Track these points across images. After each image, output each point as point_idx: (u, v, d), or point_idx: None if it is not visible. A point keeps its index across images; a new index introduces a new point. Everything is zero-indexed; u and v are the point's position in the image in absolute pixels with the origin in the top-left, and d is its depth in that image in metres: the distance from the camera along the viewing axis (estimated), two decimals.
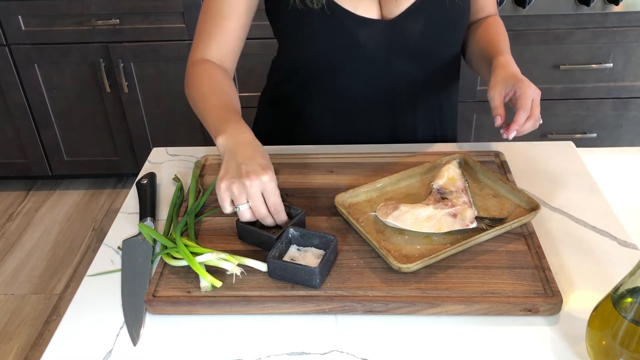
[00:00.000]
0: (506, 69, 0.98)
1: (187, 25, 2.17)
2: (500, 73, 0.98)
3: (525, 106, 0.92)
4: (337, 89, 1.12)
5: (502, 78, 0.97)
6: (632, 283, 0.63)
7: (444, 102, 1.21)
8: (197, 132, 2.43)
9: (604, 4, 2.03)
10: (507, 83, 0.95)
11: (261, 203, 0.84)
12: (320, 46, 1.06)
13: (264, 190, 0.83)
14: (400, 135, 1.18)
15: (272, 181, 0.84)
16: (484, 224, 0.88)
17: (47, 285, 2.15)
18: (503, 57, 1.02)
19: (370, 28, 1.04)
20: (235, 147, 0.88)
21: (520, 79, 0.95)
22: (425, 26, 1.05)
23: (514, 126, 0.92)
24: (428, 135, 1.20)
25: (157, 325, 0.78)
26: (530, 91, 0.93)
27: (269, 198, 0.84)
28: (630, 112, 2.26)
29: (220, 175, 0.85)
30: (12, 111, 2.40)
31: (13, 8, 2.17)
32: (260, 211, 0.84)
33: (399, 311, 0.78)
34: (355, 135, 1.17)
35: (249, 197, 0.83)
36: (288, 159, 1.09)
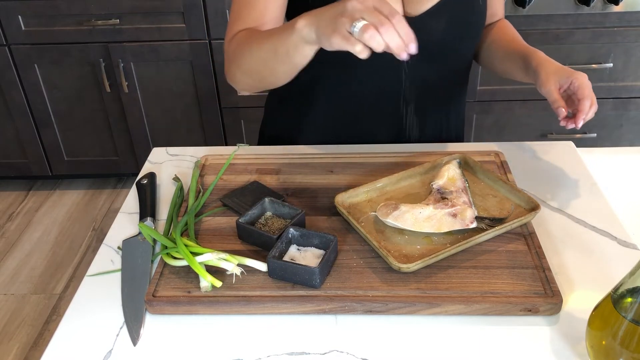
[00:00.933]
0: (552, 63, 1.00)
1: (187, 25, 2.17)
2: (548, 67, 0.99)
3: (588, 95, 0.94)
4: (350, 86, 1.11)
5: (553, 72, 0.98)
6: (632, 283, 0.63)
7: (453, 104, 1.21)
8: (197, 132, 2.43)
9: (604, 4, 2.03)
10: (560, 76, 0.97)
11: (378, 14, 0.73)
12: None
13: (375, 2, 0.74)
14: (407, 136, 1.18)
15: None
16: (484, 224, 0.88)
17: (47, 285, 2.15)
18: (541, 53, 1.03)
19: None
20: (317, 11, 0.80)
21: (574, 71, 0.97)
22: (447, 26, 1.05)
23: (581, 115, 0.94)
24: (434, 136, 1.20)
25: (157, 325, 0.78)
26: (587, 81, 0.96)
27: (383, 8, 0.73)
28: (630, 112, 2.26)
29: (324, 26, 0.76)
30: (12, 111, 2.40)
31: (13, 8, 2.17)
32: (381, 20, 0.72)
33: (399, 311, 0.78)
34: (362, 134, 1.16)
35: (362, 12, 0.73)
36: (288, 159, 1.09)
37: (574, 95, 0.96)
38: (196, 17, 2.14)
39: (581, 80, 0.96)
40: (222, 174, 1.04)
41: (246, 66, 0.96)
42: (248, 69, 0.96)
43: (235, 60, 0.98)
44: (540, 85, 0.99)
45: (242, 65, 0.97)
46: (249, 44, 0.95)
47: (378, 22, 0.72)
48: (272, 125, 1.27)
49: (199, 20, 2.15)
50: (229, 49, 1.00)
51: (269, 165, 1.08)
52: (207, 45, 2.21)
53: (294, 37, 0.83)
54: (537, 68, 1.01)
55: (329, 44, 0.77)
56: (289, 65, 0.89)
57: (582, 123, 0.95)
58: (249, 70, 0.96)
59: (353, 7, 0.74)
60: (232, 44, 0.99)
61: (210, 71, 2.26)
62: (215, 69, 2.26)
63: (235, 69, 0.99)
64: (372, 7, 0.74)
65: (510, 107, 2.25)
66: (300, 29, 0.81)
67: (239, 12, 1.02)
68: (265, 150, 1.13)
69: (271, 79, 0.97)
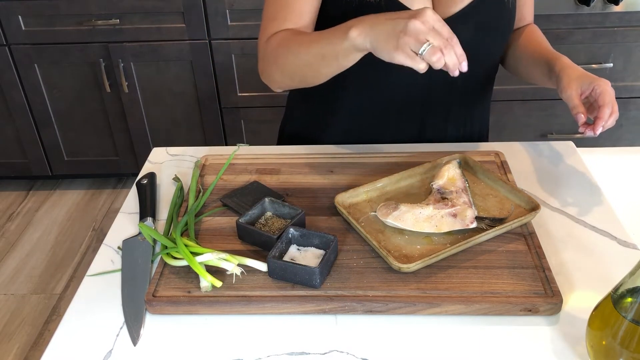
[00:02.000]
0: (576, 69, 1.00)
1: (187, 25, 2.17)
2: (571, 73, 0.99)
3: (608, 103, 0.94)
4: (378, 86, 1.11)
5: (575, 77, 0.98)
6: (632, 283, 0.63)
7: (478, 107, 1.20)
8: (197, 132, 2.43)
9: (604, 4, 2.03)
10: (583, 82, 0.97)
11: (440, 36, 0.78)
12: None
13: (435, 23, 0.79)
14: (429, 136, 1.17)
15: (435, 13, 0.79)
16: (484, 224, 0.88)
17: (47, 285, 2.15)
18: (565, 59, 1.03)
19: None
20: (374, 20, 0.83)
21: (596, 77, 0.97)
22: (476, 29, 1.04)
23: (599, 122, 0.93)
24: (457, 138, 1.19)
25: (157, 325, 0.78)
26: (609, 88, 0.95)
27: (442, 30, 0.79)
28: (630, 112, 2.26)
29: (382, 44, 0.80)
30: (12, 111, 2.40)
31: (13, 8, 2.17)
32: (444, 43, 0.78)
33: (399, 311, 0.78)
34: (385, 134, 1.16)
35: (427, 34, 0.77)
36: (288, 159, 1.09)
37: (595, 102, 0.96)
38: (196, 17, 2.14)
39: (603, 87, 0.95)
40: (222, 174, 1.04)
41: (289, 67, 0.98)
42: (291, 70, 0.98)
43: (276, 61, 0.99)
44: (561, 90, 0.98)
45: (283, 66, 0.98)
46: (292, 46, 0.96)
47: (442, 45, 0.78)
48: (293, 124, 1.26)
49: (199, 20, 2.15)
50: (267, 49, 1.01)
51: (269, 165, 1.08)
52: (207, 45, 2.21)
53: (346, 43, 0.85)
54: (559, 73, 1.00)
55: (390, 57, 0.81)
56: (335, 68, 0.93)
57: (601, 130, 0.94)
58: (292, 71, 0.99)
59: (416, 28, 0.78)
60: (271, 44, 1.00)
61: (210, 71, 2.26)
62: (215, 69, 2.26)
63: (274, 69, 1.00)
64: (433, 29, 0.78)
65: (510, 107, 2.25)
66: (354, 37, 0.84)
67: (275, 12, 1.02)
68: (265, 150, 1.13)
69: (313, 80, 0.99)
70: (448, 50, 0.78)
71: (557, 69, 1.01)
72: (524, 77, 1.19)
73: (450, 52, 0.79)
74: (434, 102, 1.13)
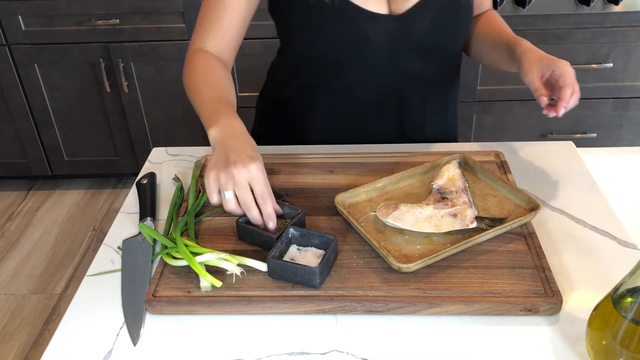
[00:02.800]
0: (536, 52, 1.00)
1: (187, 25, 2.17)
2: (531, 56, 0.99)
3: (569, 84, 0.94)
4: (344, 86, 1.12)
5: (535, 60, 0.98)
6: (632, 283, 0.63)
7: (448, 99, 1.22)
8: (197, 132, 2.43)
9: (604, 4, 2.03)
10: (543, 64, 0.97)
11: (247, 191, 0.84)
12: (329, 41, 1.05)
13: (251, 179, 0.84)
14: (409, 133, 1.18)
15: (260, 171, 0.84)
16: (484, 224, 0.88)
17: (47, 285, 2.15)
18: (525, 42, 1.04)
19: (379, 23, 1.04)
20: (225, 139, 0.88)
21: (556, 59, 0.97)
22: (433, 21, 1.06)
23: (562, 103, 0.93)
24: (435, 133, 1.20)
25: (157, 325, 0.78)
26: (569, 69, 0.96)
27: (255, 187, 0.84)
28: (630, 112, 2.26)
29: (209, 165, 0.86)
30: (12, 111, 2.40)
31: (13, 8, 2.17)
32: (245, 199, 0.83)
33: (399, 311, 0.78)
34: (363, 133, 1.16)
35: (235, 185, 0.83)
36: (288, 159, 1.09)
37: (556, 84, 0.96)
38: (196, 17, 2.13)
39: (563, 69, 0.95)
40: None
41: (187, 91, 1.03)
42: (188, 94, 1.03)
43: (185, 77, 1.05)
44: (523, 73, 0.99)
45: (186, 85, 1.04)
46: (191, 86, 1.02)
47: (244, 201, 0.84)
48: (267, 126, 1.26)
49: None
50: (188, 62, 1.05)
51: (269, 165, 1.07)
52: None
53: (205, 127, 0.92)
54: (520, 57, 1.01)
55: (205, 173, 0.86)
56: None
57: (564, 111, 0.93)
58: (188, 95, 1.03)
59: (232, 175, 0.83)
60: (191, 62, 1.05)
61: None
62: None
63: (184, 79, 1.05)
64: (244, 184, 0.84)
65: (510, 107, 2.25)
66: (209, 135, 0.91)
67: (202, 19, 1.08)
68: (265, 150, 1.13)
69: None
70: (249, 209, 0.84)
71: (518, 53, 1.02)
72: (488, 64, 1.19)
73: (252, 212, 0.84)
74: (406, 100, 1.14)
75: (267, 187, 0.85)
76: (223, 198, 0.84)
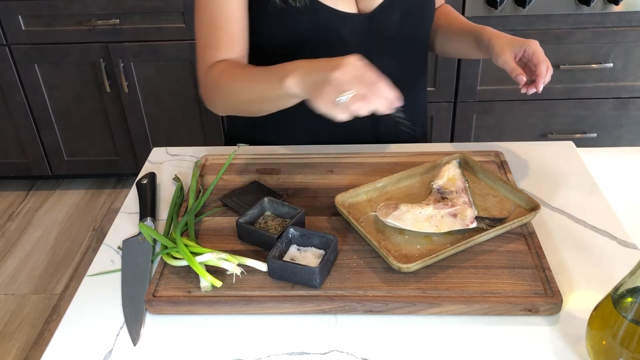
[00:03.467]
0: (504, 36, 1.04)
1: (187, 25, 2.17)
2: (501, 40, 1.03)
3: (543, 60, 0.98)
4: None
5: (506, 43, 1.02)
6: (633, 283, 0.63)
7: (418, 93, 1.24)
8: (197, 132, 2.43)
9: (604, 3, 2.02)
10: (514, 45, 1.01)
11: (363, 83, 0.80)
12: (303, 43, 1.05)
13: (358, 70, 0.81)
14: (382, 129, 1.18)
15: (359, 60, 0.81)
16: (484, 224, 0.88)
17: (47, 285, 2.15)
18: (490, 29, 1.08)
19: (350, 22, 1.05)
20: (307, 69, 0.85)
21: (525, 40, 1.01)
22: (401, 18, 1.08)
23: (540, 79, 0.97)
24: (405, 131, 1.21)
25: (157, 325, 0.78)
26: (539, 47, 1.00)
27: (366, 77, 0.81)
28: (630, 112, 2.26)
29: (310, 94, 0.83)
30: (12, 111, 2.40)
31: (13, 8, 2.17)
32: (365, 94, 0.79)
33: (399, 311, 0.78)
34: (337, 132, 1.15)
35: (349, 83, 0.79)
36: (288, 159, 1.09)
37: (529, 63, 1.00)
38: None
39: (534, 47, 0.99)
40: (222, 174, 1.04)
41: (231, 103, 1.01)
42: (233, 105, 1.02)
43: (219, 94, 1.02)
44: (496, 57, 1.02)
45: (226, 100, 1.01)
46: (233, 84, 0.98)
47: (365, 94, 0.79)
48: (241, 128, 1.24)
49: None
50: (208, 80, 1.03)
51: (269, 165, 1.08)
52: None
53: (283, 91, 0.88)
54: (490, 42, 1.04)
55: (315, 108, 0.82)
56: (277, 107, 0.96)
57: (542, 86, 0.98)
58: (234, 106, 1.02)
59: (337, 80, 0.80)
60: (212, 74, 1.02)
61: None
62: None
63: (218, 101, 1.03)
64: (355, 78, 0.80)
65: (510, 107, 2.25)
66: (289, 86, 0.87)
67: (208, 39, 1.04)
68: (265, 150, 1.13)
69: (257, 113, 1.04)
70: (373, 97, 0.80)
71: (486, 39, 1.05)
72: (453, 55, 1.24)
73: (376, 99, 0.80)
74: None
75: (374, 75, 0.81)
76: (341, 101, 0.79)
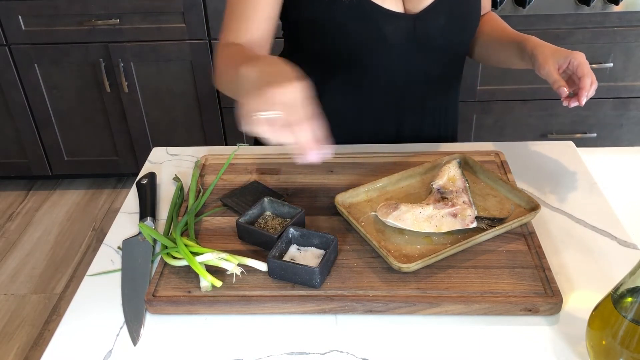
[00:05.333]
0: (548, 46, 1.02)
1: (187, 25, 2.17)
2: (546, 50, 1.01)
3: (588, 73, 0.97)
4: (359, 83, 1.11)
5: (550, 54, 1.00)
6: (633, 283, 0.63)
7: (450, 100, 1.22)
8: (197, 132, 2.43)
9: (604, 3, 2.03)
10: (559, 57, 0.99)
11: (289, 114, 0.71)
12: (347, 40, 1.04)
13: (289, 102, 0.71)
14: (406, 132, 1.18)
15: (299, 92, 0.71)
16: (484, 224, 0.88)
17: (47, 285, 2.15)
18: (535, 38, 1.05)
19: (395, 22, 1.04)
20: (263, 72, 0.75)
21: (571, 52, 0.99)
22: (446, 22, 1.07)
23: (583, 92, 0.96)
24: (432, 133, 1.21)
25: (157, 325, 0.78)
26: (585, 60, 0.98)
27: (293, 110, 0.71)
28: (630, 112, 2.26)
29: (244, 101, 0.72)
30: (12, 111, 2.40)
31: (13, 8, 2.17)
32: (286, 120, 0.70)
33: (399, 311, 0.78)
34: (361, 133, 1.16)
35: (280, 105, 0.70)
36: (288, 159, 1.09)
37: (573, 75, 0.98)
38: (196, 17, 2.14)
39: (580, 59, 0.97)
40: (222, 174, 1.04)
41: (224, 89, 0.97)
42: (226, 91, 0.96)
43: (217, 77, 0.99)
44: (539, 67, 1.00)
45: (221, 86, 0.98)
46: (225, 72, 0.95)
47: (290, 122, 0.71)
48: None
49: (199, 20, 2.14)
50: (217, 59, 1.01)
51: (269, 165, 1.08)
52: (207, 45, 2.21)
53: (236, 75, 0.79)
54: (533, 52, 1.02)
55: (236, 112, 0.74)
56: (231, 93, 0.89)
57: (585, 100, 0.96)
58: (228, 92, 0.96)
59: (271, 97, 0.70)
60: (218, 57, 1.00)
61: (210, 71, 2.26)
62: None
63: (218, 84, 1.00)
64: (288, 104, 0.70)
65: (510, 107, 2.25)
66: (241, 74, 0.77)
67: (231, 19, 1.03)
68: (265, 150, 1.13)
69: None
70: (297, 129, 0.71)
71: (529, 49, 1.03)
72: (495, 63, 1.22)
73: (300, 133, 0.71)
74: (410, 98, 1.15)
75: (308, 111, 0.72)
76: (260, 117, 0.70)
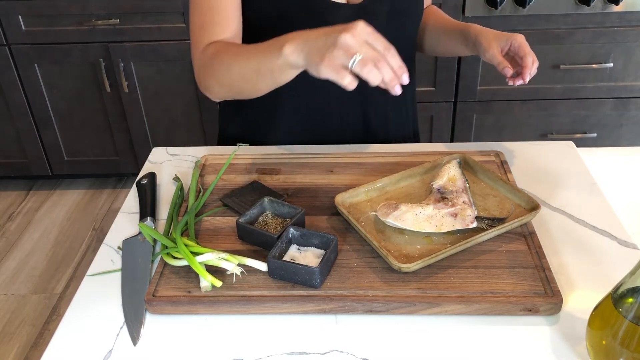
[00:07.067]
0: (490, 31, 1.08)
1: (187, 25, 2.17)
2: (487, 35, 1.07)
3: (529, 52, 1.02)
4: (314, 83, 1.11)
5: (493, 38, 1.06)
6: (633, 283, 0.63)
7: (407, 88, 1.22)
8: (197, 132, 2.43)
9: (604, 3, 2.03)
10: (500, 40, 1.04)
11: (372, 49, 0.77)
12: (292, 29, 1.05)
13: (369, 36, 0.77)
14: (373, 127, 1.19)
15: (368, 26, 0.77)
16: (484, 224, 0.88)
17: (47, 285, 2.15)
18: (477, 26, 1.11)
19: (341, 12, 1.05)
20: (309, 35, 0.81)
21: (511, 34, 1.04)
22: (390, 10, 1.09)
23: (527, 70, 1.01)
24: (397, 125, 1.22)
25: (157, 325, 0.78)
26: (525, 41, 1.04)
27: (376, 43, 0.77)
28: (630, 112, 2.26)
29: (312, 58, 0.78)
30: (12, 111, 2.40)
31: (13, 8, 2.17)
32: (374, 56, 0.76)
33: (399, 311, 0.78)
34: (328, 131, 1.17)
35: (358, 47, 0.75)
36: (288, 159, 1.09)
37: (516, 56, 1.03)
38: None
39: (520, 41, 1.02)
40: (222, 174, 1.04)
41: (225, 80, 0.98)
42: (227, 83, 0.98)
43: (213, 73, 0.99)
44: (483, 52, 1.05)
45: (220, 79, 0.98)
46: (228, 59, 0.96)
47: (375, 58, 0.76)
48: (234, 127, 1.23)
49: None
50: (202, 60, 1.01)
51: (269, 165, 1.08)
52: None
53: (280, 60, 0.84)
54: (477, 38, 1.08)
55: (317, 72, 0.79)
56: (271, 83, 0.92)
57: (529, 78, 1.01)
58: (229, 84, 0.98)
59: (346, 42, 0.76)
60: (206, 55, 1.01)
61: None
62: None
63: (212, 81, 1.00)
64: (366, 42, 0.77)
65: (510, 107, 2.25)
66: (288, 54, 0.83)
67: (202, 20, 1.03)
68: (265, 150, 1.13)
69: (250, 93, 0.99)
70: (382, 64, 0.76)
71: (473, 36, 1.09)
72: (442, 53, 1.27)
73: (385, 66, 0.77)
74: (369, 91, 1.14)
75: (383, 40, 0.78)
76: (351, 64, 0.75)
